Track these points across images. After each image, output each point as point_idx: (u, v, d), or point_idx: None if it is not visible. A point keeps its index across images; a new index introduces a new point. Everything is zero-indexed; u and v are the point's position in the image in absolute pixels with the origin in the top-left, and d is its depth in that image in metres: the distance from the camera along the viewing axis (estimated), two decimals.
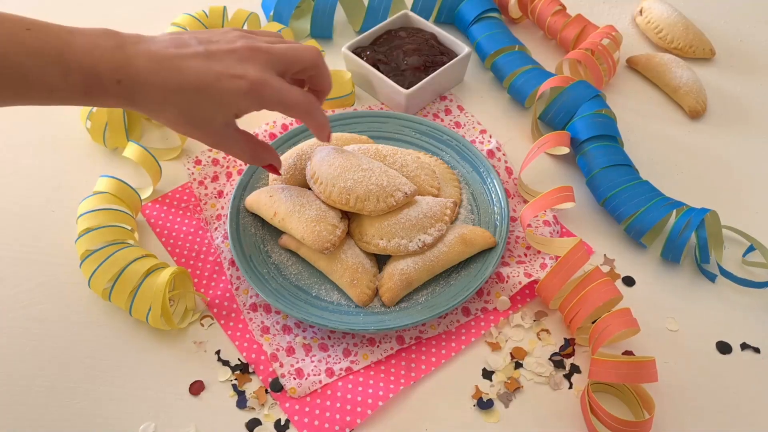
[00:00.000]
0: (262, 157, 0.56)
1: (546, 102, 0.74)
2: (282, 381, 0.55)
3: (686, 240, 0.62)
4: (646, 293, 0.62)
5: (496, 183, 0.66)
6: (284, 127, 0.73)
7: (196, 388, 0.55)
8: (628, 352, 0.58)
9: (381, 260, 0.62)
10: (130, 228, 0.62)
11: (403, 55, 0.76)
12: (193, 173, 0.69)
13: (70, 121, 0.73)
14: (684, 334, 0.60)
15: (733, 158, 0.74)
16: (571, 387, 0.56)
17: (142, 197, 0.66)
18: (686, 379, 0.57)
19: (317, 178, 0.59)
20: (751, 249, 0.65)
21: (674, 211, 0.63)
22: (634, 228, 0.64)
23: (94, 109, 0.69)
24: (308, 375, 0.55)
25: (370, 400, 0.54)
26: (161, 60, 0.46)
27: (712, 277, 0.63)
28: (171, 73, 0.46)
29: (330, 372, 0.55)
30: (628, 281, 0.63)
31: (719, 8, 0.92)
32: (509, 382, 0.56)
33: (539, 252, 0.63)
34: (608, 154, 0.67)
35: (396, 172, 0.60)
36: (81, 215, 0.60)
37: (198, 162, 0.70)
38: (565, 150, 0.70)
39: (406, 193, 0.58)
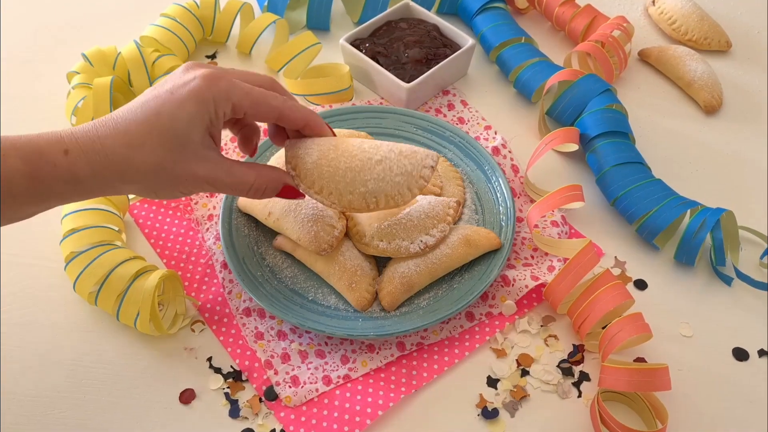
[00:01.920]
0: (271, 178, 0.50)
1: (554, 97, 0.74)
2: (277, 389, 0.55)
3: (701, 241, 0.62)
4: (658, 297, 0.62)
5: (501, 181, 0.66)
6: None
7: (187, 396, 0.55)
8: (639, 359, 0.58)
9: (381, 262, 0.62)
10: (117, 229, 0.62)
11: (404, 47, 0.76)
12: None
13: (53, 117, 0.73)
14: (698, 340, 0.60)
15: (750, 155, 0.74)
16: (580, 395, 0.56)
17: (130, 197, 0.66)
18: (701, 388, 0.57)
19: (321, 189, 0.52)
20: None
21: (688, 211, 0.63)
22: (646, 229, 0.64)
23: (80, 103, 0.69)
24: (304, 383, 0.55)
25: (369, 409, 0.54)
26: (105, 115, 0.44)
27: (728, 280, 0.63)
28: (122, 117, 0.44)
29: (327, 380, 0.55)
30: (640, 284, 0.63)
31: None
32: (515, 390, 0.56)
33: (547, 254, 0.63)
34: (619, 152, 0.67)
35: (408, 146, 0.54)
36: (66, 215, 0.61)
37: None
38: (574, 147, 0.70)
39: (432, 167, 0.54)
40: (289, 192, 0.52)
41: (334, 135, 0.54)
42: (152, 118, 0.43)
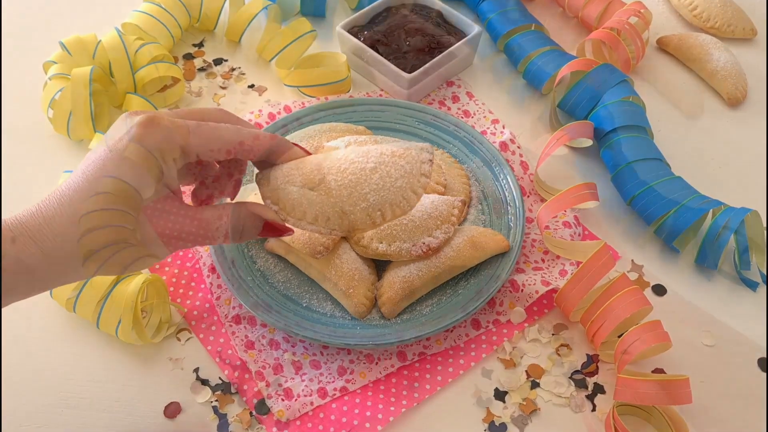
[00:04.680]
0: (247, 215, 0.46)
1: (566, 88, 0.74)
2: (269, 402, 0.55)
3: (724, 243, 0.62)
4: (678, 303, 0.62)
5: (509, 179, 0.66)
6: (271, 116, 0.73)
7: (172, 410, 0.55)
8: (658, 370, 0.58)
9: (380, 266, 0.62)
10: None
11: (405, 35, 0.76)
12: None
13: (29, 109, 0.73)
14: (721, 349, 0.60)
15: None
16: (594, 409, 0.56)
17: None
18: (724, 400, 0.57)
19: (316, 217, 0.48)
20: None
21: (711, 211, 0.63)
22: (665, 230, 0.64)
23: (57, 95, 0.69)
24: (298, 396, 0.55)
25: (368, 424, 0.54)
26: (52, 191, 0.42)
27: (753, 285, 0.63)
28: (66, 191, 0.42)
29: (323, 392, 0.55)
30: (659, 290, 0.63)
31: None
32: (525, 403, 0.56)
33: (558, 257, 0.63)
34: (636, 147, 0.67)
35: (398, 142, 0.52)
36: None
37: None
38: (588, 142, 0.70)
39: (429, 160, 0.51)
40: (274, 229, 0.48)
41: (309, 153, 0.51)
42: (97, 180, 0.41)
